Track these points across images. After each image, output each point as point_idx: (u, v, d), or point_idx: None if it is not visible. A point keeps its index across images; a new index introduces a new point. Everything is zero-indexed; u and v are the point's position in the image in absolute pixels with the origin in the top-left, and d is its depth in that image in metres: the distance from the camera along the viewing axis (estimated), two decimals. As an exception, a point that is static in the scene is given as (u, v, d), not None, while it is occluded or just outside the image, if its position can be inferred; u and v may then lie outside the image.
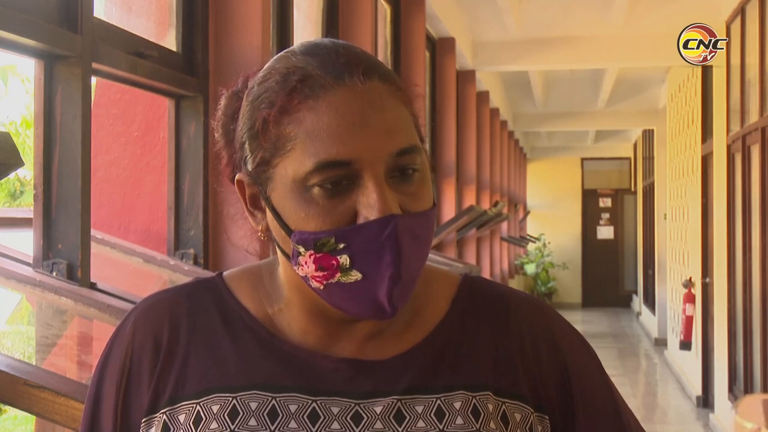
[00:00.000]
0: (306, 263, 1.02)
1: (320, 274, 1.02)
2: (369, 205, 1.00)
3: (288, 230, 1.03)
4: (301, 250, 1.02)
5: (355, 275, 1.01)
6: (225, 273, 1.17)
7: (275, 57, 1.10)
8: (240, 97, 1.11)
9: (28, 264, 2.34)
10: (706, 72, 9.18)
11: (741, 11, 7.43)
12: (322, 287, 1.03)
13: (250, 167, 1.06)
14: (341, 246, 1.00)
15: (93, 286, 2.35)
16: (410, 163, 1.03)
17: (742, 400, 4.94)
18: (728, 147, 8.00)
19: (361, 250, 1.00)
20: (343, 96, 1.01)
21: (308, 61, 1.04)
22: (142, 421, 1.09)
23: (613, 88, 12.12)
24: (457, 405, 1.07)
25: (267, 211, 1.07)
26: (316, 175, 1.00)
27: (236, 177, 1.09)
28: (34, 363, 2.18)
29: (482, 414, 1.07)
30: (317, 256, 1.01)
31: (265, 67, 1.09)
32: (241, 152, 1.08)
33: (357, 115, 1.01)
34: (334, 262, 1.01)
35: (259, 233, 1.09)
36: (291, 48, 1.10)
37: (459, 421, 1.06)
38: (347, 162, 1.00)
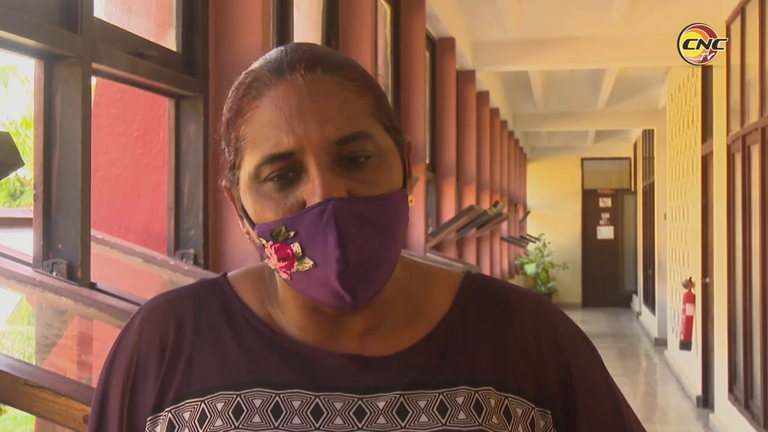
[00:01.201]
0: (271, 255, 1.06)
1: (283, 264, 1.05)
2: (311, 192, 1.03)
3: (252, 225, 1.07)
4: (264, 242, 1.06)
5: (309, 262, 1.03)
6: (229, 274, 1.19)
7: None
8: None
9: (28, 264, 2.34)
10: (706, 72, 9.18)
11: (741, 11, 7.43)
12: (288, 278, 1.06)
13: (227, 172, 1.11)
14: (292, 234, 1.03)
15: (93, 286, 2.35)
16: (358, 150, 1.04)
17: None
18: (728, 147, 8.00)
19: (308, 235, 1.03)
20: (283, 91, 1.05)
21: (260, 63, 1.09)
22: (148, 419, 1.10)
23: (613, 88, 12.12)
24: (460, 400, 1.08)
25: None
26: (265, 170, 1.04)
27: (222, 183, 1.13)
28: (34, 363, 2.18)
29: (485, 409, 1.08)
30: (276, 246, 1.04)
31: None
32: (223, 158, 1.12)
33: (295, 108, 1.03)
34: (289, 251, 1.04)
35: (247, 235, 1.11)
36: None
37: (461, 416, 1.07)
38: (289, 153, 1.03)
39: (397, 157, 1.09)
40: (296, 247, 1.03)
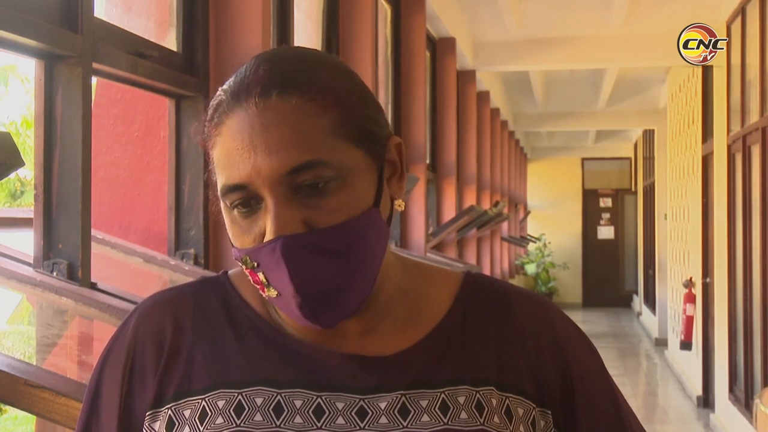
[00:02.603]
0: (249, 276, 1.07)
1: (258, 287, 1.07)
2: (267, 226, 1.03)
3: (232, 245, 1.09)
4: (240, 264, 1.07)
5: (273, 291, 1.05)
6: (230, 271, 1.19)
7: None
8: None
9: (28, 264, 2.34)
10: (707, 72, 9.18)
11: (741, 11, 7.42)
12: (267, 299, 1.08)
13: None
14: (256, 264, 1.04)
15: (93, 286, 2.35)
16: (313, 178, 1.02)
17: (766, 390, 4.93)
18: (729, 147, 8.00)
19: (267, 269, 1.04)
20: (237, 120, 1.05)
21: (228, 83, 1.09)
22: (147, 415, 1.10)
23: (614, 88, 12.12)
24: (461, 399, 1.08)
25: None
26: (227, 198, 1.05)
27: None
28: (34, 363, 2.18)
29: (486, 408, 1.08)
30: (248, 270, 1.06)
31: None
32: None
33: (247, 140, 1.03)
34: (257, 278, 1.05)
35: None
36: None
37: (463, 415, 1.07)
38: (242, 185, 1.03)
39: (367, 173, 1.06)
40: (262, 276, 1.05)
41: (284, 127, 1.02)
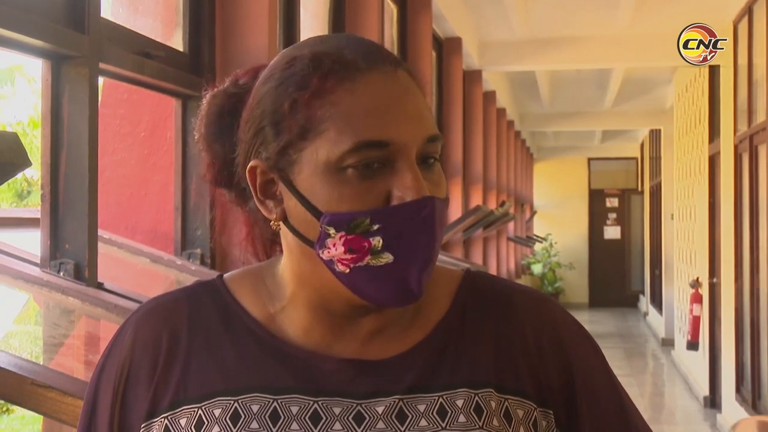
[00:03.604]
0: (335, 245, 1.01)
1: (349, 256, 1.01)
2: (405, 186, 1.00)
3: (317, 213, 1.02)
4: (332, 231, 1.01)
5: (386, 257, 1.01)
6: (225, 275, 1.17)
7: (285, 50, 1.11)
8: (234, 93, 1.14)
9: (35, 264, 2.34)
10: (714, 72, 9.17)
11: (748, 11, 7.41)
12: (347, 270, 1.02)
13: (270, 153, 1.05)
14: (375, 227, 1.00)
15: (100, 286, 2.35)
16: (434, 151, 1.05)
17: (738, 423, 4.93)
18: (735, 147, 7.98)
19: (396, 231, 1.00)
20: (379, 80, 1.03)
21: (338, 46, 1.05)
22: (142, 426, 1.08)
23: (620, 88, 12.10)
24: (460, 403, 1.06)
25: (285, 198, 1.06)
26: (353, 156, 1.00)
27: (249, 165, 1.07)
28: (41, 363, 2.18)
29: (485, 411, 1.06)
30: (348, 237, 1.01)
31: (280, 56, 1.09)
32: (255, 140, 1.07)
33: (394, 99, 1.03)
34: (365, 244, 1.00)
35: (273, 222, 1.08)
36: (299, 43, 1.11)
37: (461, 419, 1.05)
38: (385, 143, 1.01)
39: None
40: (376, 241, 1.00)
41: (419, 98, 1.06)
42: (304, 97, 1.02)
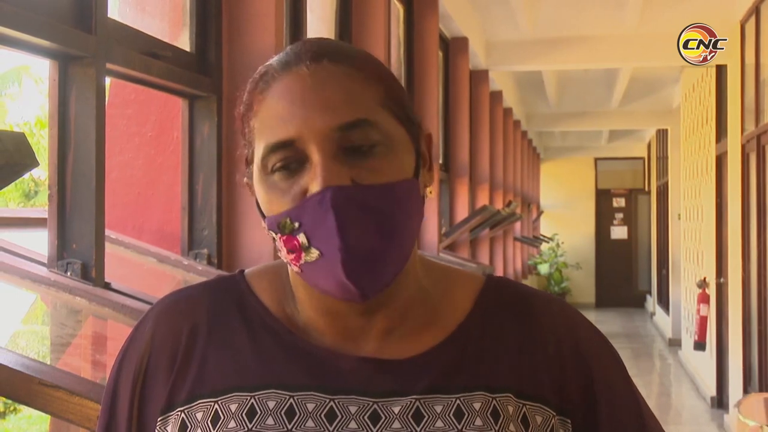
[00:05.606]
0: (281, 248, 1.05)
1: (292, 256, 1.04)
2: (313, 179, 1.01)
3: (264, 218, 1.07)
4: (273, 235, 1.05)
5: (315, 253, 1.02)
6: (247, 271, 1.18)
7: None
8: None
9: (42, 264, 2.34)
10: (721, 71, 9.15)
11: (756, 10, 7.39)
12: (299, 270, 1.04)
13: (246, 168, 1.11)
14: (297, 225, 1.02)
15: (107, 286, 2.35)
16: (361, 138, 1.03)
17: (744, 398, 4.95)
18: (743, 146, 7.97)
19: (311, 225, 1.01)
20: (287, 82, 1.05)
21: (273, 59, 1.09)
22: (159, 418, 1.09)
23: (627, 87, 12.09)
24: (477, 406, 1.06)
25: None
26: (269, 159, 1.04)
27: (245, 180, 1.12)
28: (48, 362, 2.19)
29: (502, 416, 1.06)
30: (284, 238, 1.03)
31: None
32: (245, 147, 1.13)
33: (297, 96, 1.03)
34: (296, 242, 1.03)
35: (266, 231, 1.10)
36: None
37: (478, 422, 1.05)
38: (289, 142, 1.02)
39: (409, 149, 1.08)
40: (302, 238, 1.02)
41: (337, 87, 1.04)
42: (243, 113, 1.09)
